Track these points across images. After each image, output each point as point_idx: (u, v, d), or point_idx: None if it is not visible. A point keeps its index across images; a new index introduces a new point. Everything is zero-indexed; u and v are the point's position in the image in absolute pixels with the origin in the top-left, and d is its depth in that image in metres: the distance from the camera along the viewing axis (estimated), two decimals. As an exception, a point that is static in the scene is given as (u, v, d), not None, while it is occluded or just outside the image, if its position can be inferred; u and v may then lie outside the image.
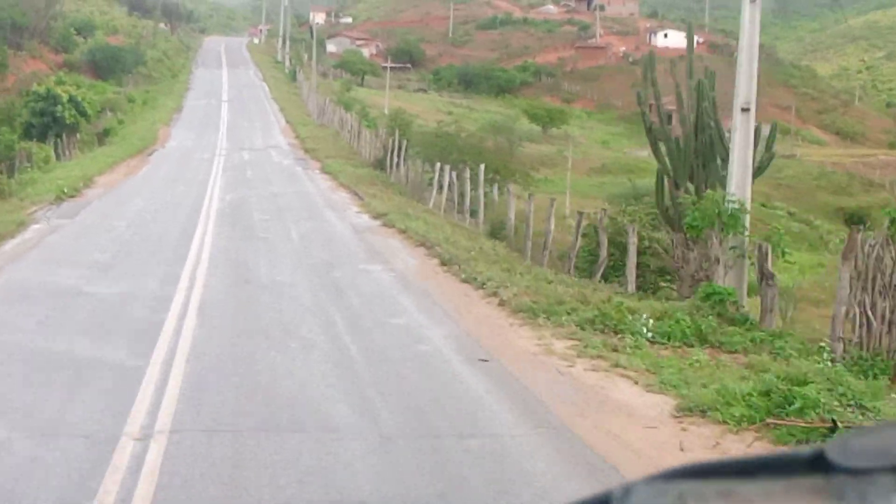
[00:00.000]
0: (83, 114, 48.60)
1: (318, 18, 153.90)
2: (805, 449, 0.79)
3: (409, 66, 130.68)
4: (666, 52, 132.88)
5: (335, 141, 51.22)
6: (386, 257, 19.81)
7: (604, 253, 20.22)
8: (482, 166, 29.11)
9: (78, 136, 47.84)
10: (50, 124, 47.07)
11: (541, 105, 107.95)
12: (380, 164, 42.11)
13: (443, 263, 18.69)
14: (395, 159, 39.74)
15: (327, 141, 50.54)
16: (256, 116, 63.89)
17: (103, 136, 52.43)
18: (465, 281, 16.91)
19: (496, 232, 27.07)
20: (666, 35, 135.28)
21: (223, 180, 34.82)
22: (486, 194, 31.45)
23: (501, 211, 32.26)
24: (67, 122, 46.93)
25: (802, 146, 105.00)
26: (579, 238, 21.36)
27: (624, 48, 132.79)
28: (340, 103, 64.37)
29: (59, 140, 44.19)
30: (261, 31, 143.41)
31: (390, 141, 41.38)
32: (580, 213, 22.13)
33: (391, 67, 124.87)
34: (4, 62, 70.50)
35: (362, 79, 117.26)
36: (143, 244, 20.96)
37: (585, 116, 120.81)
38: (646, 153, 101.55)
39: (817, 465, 0.77)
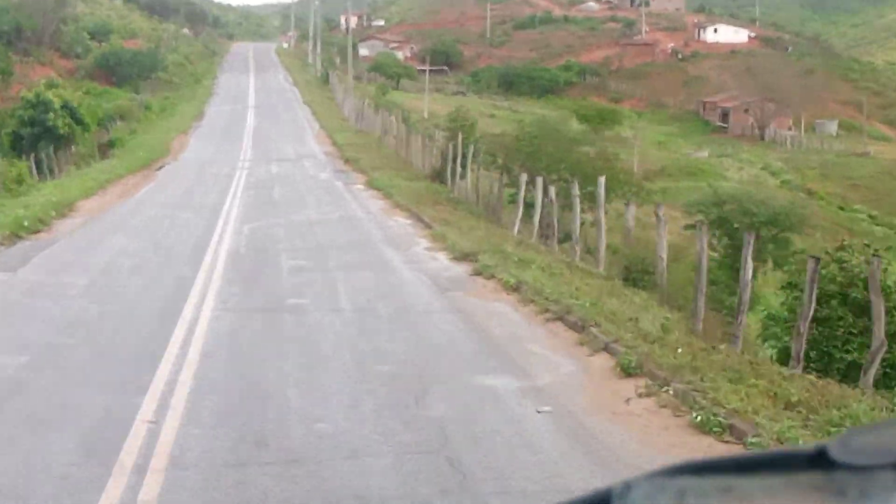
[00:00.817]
0: (80, 122, 40.12)
1: (350, 22, 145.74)
2: (806, 445, 0.77)
3: (445, 68, 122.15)
4: (717, 47, 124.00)
5: (379, 148, 42.53)
6: (512, 353, 10.91)
7: (880, 334, 11.29)
8: (602, 179, 20.30)
9: (73, 148, 39.34)
10: (41, 135, 38.64)
11: (591, 105, 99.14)
12: (438, 176, 33.47)
13: (626, 371, 9.83)
14: (459, 169, 31.10)
15: (370, 149, 41.84)
16: (287, 122, 55.32)
17: (108, 147, 44.05)
18: (714, 433, 8.06)
19: (635, 277, 18.22)
20: (716, 30, 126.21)
21: (243, 203, 26.23)
22: (585, 217, 22.81)
23: (611, 240, 23.39)
24: (60, 131, 38.44)
25: (871, 143, 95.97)
26: (812, 302, 12.42)
27: (672, 44, 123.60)
28: (380, 106, 55.79)
29: (45, 154, 35.65)
30: (290, 37, 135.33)
31: (451, 147, 32.69)
32: (814, 259, 13.12)
33: (430, 70, 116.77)
34: (8, 69, 62.39)
35: (397, 82, 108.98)
36: (94, 330, 12.19)
37: (636, 116, 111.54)
38: (705, 154, 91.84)
39: (818, 461, 0.75)
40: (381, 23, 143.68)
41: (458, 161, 31.27)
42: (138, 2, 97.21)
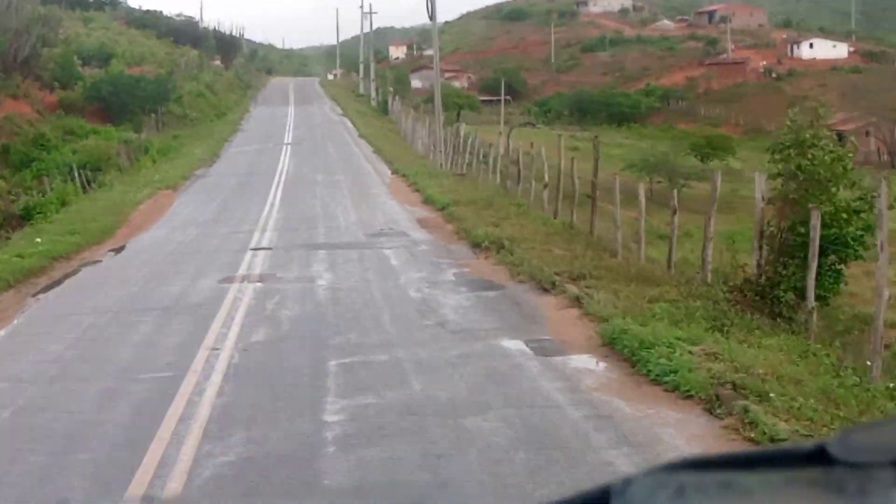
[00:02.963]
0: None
1: (399, 53, 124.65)
2: (806, 443, 0.73)
3: (508, 98, 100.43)
4: (814, 64, 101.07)
5: (524, 211, 20.31)
6: None
7: None
8: None
9: None
10: None
11: (701, 132, 76.70)
12: (761, 297, 11.28)
13: None
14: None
15: (506, 213, 19.67)
16: (340, 165, 33.37)
17: (22, 221, 22.38)
18: None
19: None
20: (811, 45, 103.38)
21: None
22: None
23: None
24: None
25: None
26: None
27: (764, 62, 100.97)
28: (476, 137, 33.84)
29: None
30: (335, 74, 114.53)
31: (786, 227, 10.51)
32: None
33: (490, 100, 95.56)
34: (-45, 103, 41.10)
35: (458, 114, 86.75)
36: None
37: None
38: None
39: (818, 458, 0.71)
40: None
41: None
42: (158, 29, 76.19)
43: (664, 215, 19.78)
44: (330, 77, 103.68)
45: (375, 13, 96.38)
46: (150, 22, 79.55)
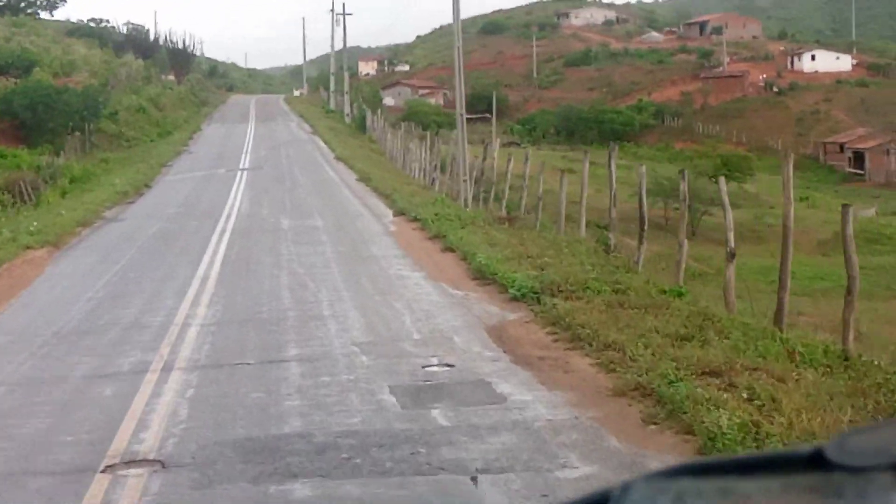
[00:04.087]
0: None
1: (369, 69, 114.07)
2: (804, 447, 0.72)
3: (487, 115, 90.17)
4: (817, 77, 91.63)
5: (688, 310, 9.80)
6: None
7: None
8: None
9: None
10: None
11: (707, 151, 67.13)
12: None
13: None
14: None
15: (671, 314, 9.12)
16: (315, 202, 22.55)
17: None
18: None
19: None
20: (813, 57, 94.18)
21: None
22: None
23: None
24: None
25: None
26: None
27: (764, 75, 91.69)
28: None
29: None
30: (301, 91, 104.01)
31: None
32: None
33: (469, 119, 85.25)
34: None
35: (436, 132, 75.72)
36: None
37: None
38: (872, 211, 58.18)
39: (816, 463, 0.69)
40: (406, 68, 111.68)
41: None
42: (100, 39, 64.86)
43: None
44: (296, 93, 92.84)
45: (350, 14, 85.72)
46: (93, 31, 68.27)
